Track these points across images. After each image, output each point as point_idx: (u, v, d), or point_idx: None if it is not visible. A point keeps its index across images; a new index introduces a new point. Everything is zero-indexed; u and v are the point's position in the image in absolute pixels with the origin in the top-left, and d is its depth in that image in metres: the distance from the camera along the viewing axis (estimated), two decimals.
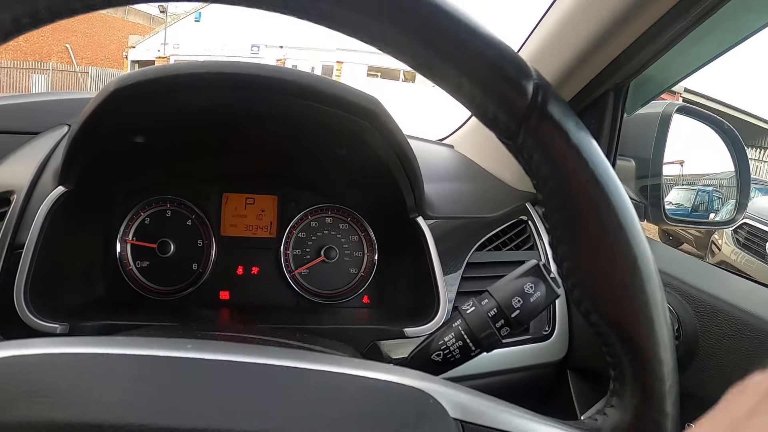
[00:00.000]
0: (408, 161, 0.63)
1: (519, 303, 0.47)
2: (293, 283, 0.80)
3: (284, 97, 0.55)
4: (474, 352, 0.49)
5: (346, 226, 0.83)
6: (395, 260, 0.81)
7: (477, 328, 0.48)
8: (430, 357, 0.51)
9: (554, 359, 0.79)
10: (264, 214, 0.81)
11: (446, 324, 0.50)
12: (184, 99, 0.55)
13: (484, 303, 0.48)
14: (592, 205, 0.29)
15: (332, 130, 0.59)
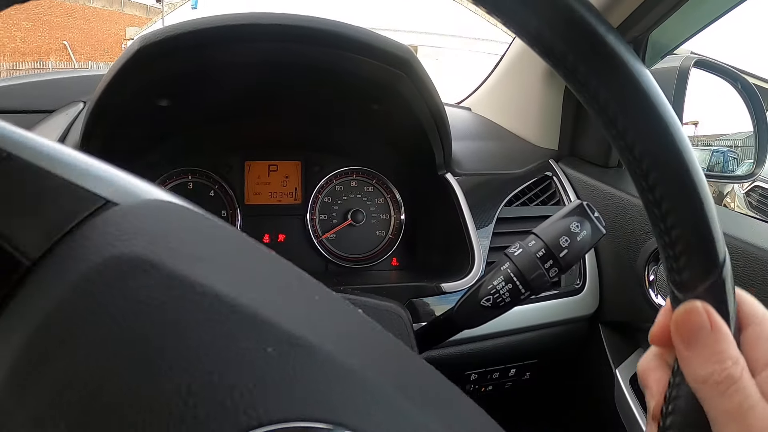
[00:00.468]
0: (440, 115, 0.62)
1: (566, 242, 0.46)
2: (321, 248, 0.79)
3: (318, 48, 0.53)
4: (524, 294, 0.48)
5: (371, 189, 0.82)
6: (424, 220, 0.81)
7: (526, 270, 0.47)
8: (480, 303, 0.50)
9: (586, 313, 0.79)
10: (288, 180, 0.80)
11: (493, 269, 0.50)
12: (210, 55, 0.54)
13: (531, 244, 0.48)
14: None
15: (367, 83, 0.58)
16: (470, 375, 0.76)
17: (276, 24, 0.51)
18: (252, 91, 0.63)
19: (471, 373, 0.76)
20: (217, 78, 0.59)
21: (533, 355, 0.79)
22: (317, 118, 0.71)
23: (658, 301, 0.70)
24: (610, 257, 0.80)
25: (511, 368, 0.78)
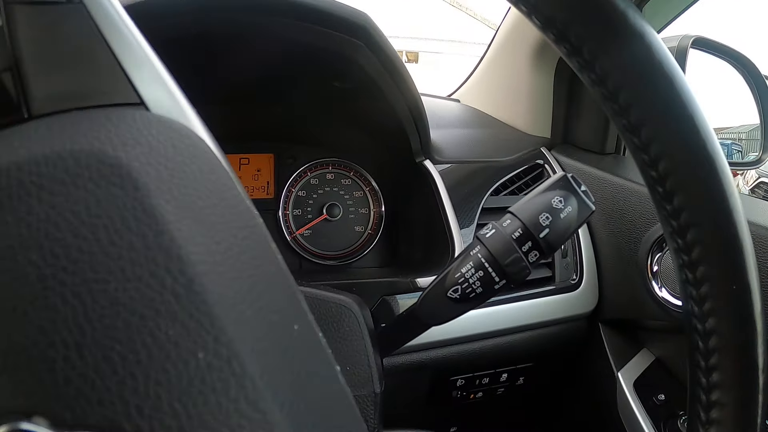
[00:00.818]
0: (410, 93, 0.57)
1: (548, 220, 0.38)
2: (294, 245, 0.74)
3: (269, 16, 0.49)
4: (498, 284, 0.40)
5: (349, 182, 0.77)
6: (404, 213, 0.75)
7: (500, 254, 0.39)
8: (446, 294, 0.43)
9: (584, 311, 0.72)
10: (260, 173, 0.75)
11: (463, 254, 0.42)
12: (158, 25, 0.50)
13: (507, 224, 0.40)
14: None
15: (325, 55, 0.53)
16: (456, 380, 0.69)
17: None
18: (202, 70, 0.58)
19: (457, 379, 0.69)
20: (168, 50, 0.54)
21: (527, 358, 0.72)
22: (282, 101, 0.66)
23: (662, 294, 0.64)
24: (608, 249, 0.73)
25: (503, 373, 0.72)
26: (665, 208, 0.23)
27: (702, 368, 0.24)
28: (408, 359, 0.64)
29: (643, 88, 0.22)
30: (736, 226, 0.22)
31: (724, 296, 0.22)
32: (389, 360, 0.63)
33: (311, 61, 0.54)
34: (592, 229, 0.75)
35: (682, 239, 0.23)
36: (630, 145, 0.24)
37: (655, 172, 0.23)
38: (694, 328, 0.24)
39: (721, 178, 0.22)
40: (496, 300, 0.67)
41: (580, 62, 0.23)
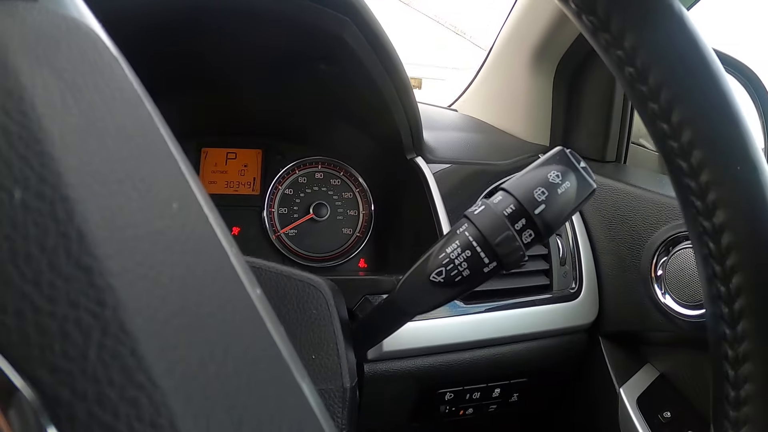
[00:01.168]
0: (399, 76, 0.55)
1: (543, 195, 0.34)
2: (278, 244, 0.71)
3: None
4: (488, 266, 0.35)
5: (338, 182, 0.74)
6: (394, 214, 0.72)
7: (490, 232, 0.35)
8: (429, 278, 0.38)
9: (584, 323, 0.68)
10: (247, 169, 0.73)
11: (448, 233, 0.37)
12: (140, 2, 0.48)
13: (498, 200, 0.35)
14: None
15: (311, 34, 0.51)
16: (444, 394, 0.64)
17: None
18: (183, 51, 0.57)
19: (445, 392, 0.64)
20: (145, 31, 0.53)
21: (522, 373, 0.67)
22: (267, 88, 0.64)
23: (665, 301, 0.59)
24: (609, 257, 0.69)
25: (495, 388, 0.66)
26: (694, 206, 0.20)
27: (730, 379, 0.21)
28: (391, 367, 0.60)
29: (676, 68, 0.20)
30: None
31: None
32: (370, 367, 0.59)
33: (297, 39, 0.52)
34: (592, 236, 0.71)
35: (715, 244, 0.20)
36: (657, 132, 0.21)
37: (686, 163, 0.20)
38: (721, 334, 0.21)
39: (763, 176, 0.19)
40: (488, 307, 0.63)
41: (607, 39, 0.20)
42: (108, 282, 0.12)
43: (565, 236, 0.70)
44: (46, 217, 0.12)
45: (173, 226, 0.14)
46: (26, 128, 0.12)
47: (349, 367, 0.40)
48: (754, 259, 0.20)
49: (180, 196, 0.15)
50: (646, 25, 0.19)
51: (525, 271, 0.66)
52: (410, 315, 0.41)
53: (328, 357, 0.40)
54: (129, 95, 0.16)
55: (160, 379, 0.11)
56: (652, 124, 0.21)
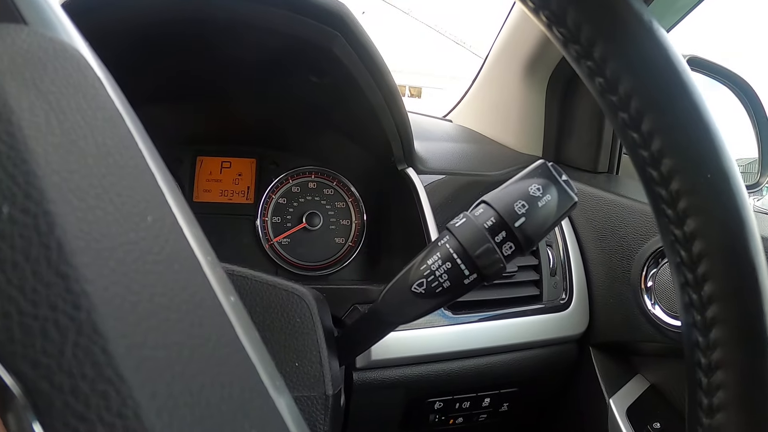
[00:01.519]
0: (388, 88, 0.56)
1: (524, 208, 0.35)
2: (271, 252, 0.71)
3: (240, 2, 0.48)
4: (468, 278, 0.36)
5: (331, 192, 0.75)
6: (386, 224, 0.73)
7: (470, 244, 0.36)
8: (410, 288, 0.39)
9: (574, 333, 0.68)
10: (241, 178, 0.74)
11: (430, 245, 0.38)
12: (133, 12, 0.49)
13: (479, 213, 0.36)
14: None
15: (300, 47, 0.52)
16: (434, 403, 0.64)
17: None
18: (178, 61, 0.58)
19: (435, 401, 0.64)
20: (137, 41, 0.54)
21: (511, 383, 0.67)
22: (259, 99, 0.65)
23: (655, 312, 0.59)
24: (600, 267, 0.69)
25: (485, 397, 0.67)
26: (666, 214, 0.21)
27: (703, 387, 0.21)
28: (380, 375, 0.60)
29: (645, 77, 0.20)
30: (750, 237, 0.19)
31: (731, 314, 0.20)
32: (359, 375, 0.59)
33: (287, 52, 0.53)
34: (583, 246, 0.72)
35: (686, 252, 0.20)
36: (628, 141, 0.21)
37: (657, 172, 0.20)
38: (695, 342, 0.21)
39: (734, 184, 0.19)
40: (478, 317, 0.63)
41: (578, 50, 0.21)
42: (83, 288, 0.13)
43: (555, 247, 0.71)
44: (30, 230, 0.13)
45: (147, 237, 0.15)
46: (14, 149, 0.14)
47: (332, 375, 0.40)
48: (725, 267, 0.20)
49: (155, 209, 0.16)
50: (615, 36, 0.20)
51: (515, 281, 0.66)
52: (393, 325, 0.41)
53: (311, 365, 0.40)
54: (110, 114, 0.17)
55: (127, 375, 0.12)
56: (623, 134, 0.21)
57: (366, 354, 0.58)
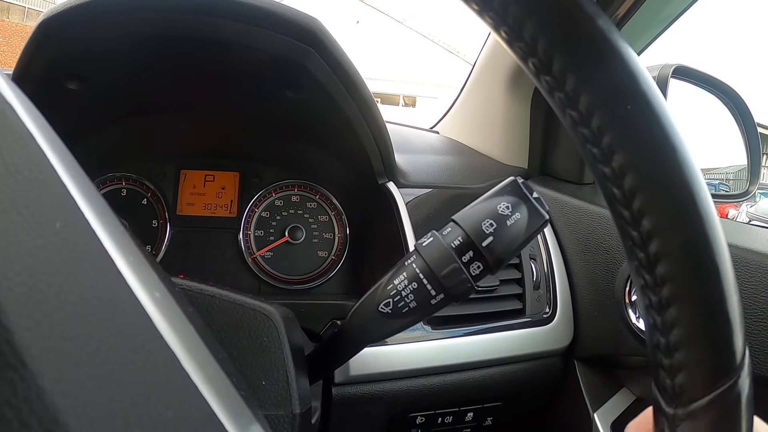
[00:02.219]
0: (364, 103, 0.56)
1: (492, 228, 0.34)
2: (254, 266, 0.71)
3: (215, 18, 0.48)
4: (435, 298, 0.36)
5: (314, 205, 0.74)
6: (370, 241, 0.72)
7: (436, 264, 0.35)
8: (377, 308, 0.38)
9: (558, 347, 0.67)
10: (224, 191, 0.74)
11: (397, 264, 0.38)
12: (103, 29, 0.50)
13: (447, 232, 0.36)
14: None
15: (275, 63, 0.52)
16: (416, 417, 0.64)
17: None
18: (160, 76, 0.58)
19: (417, 416, 0.64)
20: (118, 56, 0.54)
21: (495, 397, 0.66)
22: (237, 114, 0.65)
23: (639, 325, 0.59)
24: (584, 280, 0.69)
25: (468, 412, 0.66)
26: (631, 237, 0.20)
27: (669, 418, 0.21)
28: (360, 390, 0.59)
29: (604, 97, 0.20)
30: (716, 257, 0.18)
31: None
32: (339, 390, 0.59)
33: (263, 69, 0.54)
34: (567, 259, 0.71)
35: (650, 275, 0.19)
36: (588, 155, 0.20)
37: (620, 191, 0.20)
38: (659, 362, 0.20)
39: (697, 192, 0.19)
40: (460, 332, 0.63)
41: (535, 64, 0.20)
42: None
43: (540, 260, 0.70)
44: None
45: (55, 242, 0.16)
46: None
47: (300, 394, 0.40)
48: (688, 290, 0.19)
49: (64, 216, 0.17)
50: (575, 52, 0.19)
51: (498, 295, 0.66)
52: (361, 344, 0.41)
53: (278, 383, 0.40)
54: (20, 135, 0.18)
55: (31, 363, 0.13)
56: (580, 144, 0.21)
57: (344, 369, 0.58)
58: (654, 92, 0.19)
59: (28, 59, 0.50)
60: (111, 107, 0.63)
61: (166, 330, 0.18)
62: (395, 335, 0.40)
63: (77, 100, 0.58)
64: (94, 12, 0.48)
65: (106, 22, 0.49)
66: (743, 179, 0.88)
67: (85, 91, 0.57)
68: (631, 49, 0.19)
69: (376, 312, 0.38)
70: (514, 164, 0.83)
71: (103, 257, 0.17)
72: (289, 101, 0.58)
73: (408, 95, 7.73)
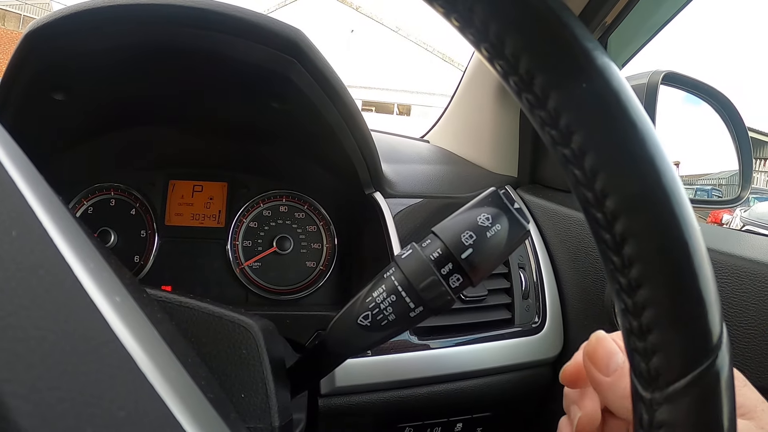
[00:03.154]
0: (348, 113, 0.56)
1: (471, 239, 0.34)
2: (242, 277, 0.71)
3: (196, 30, 0.49)
4: (414, 311, 0.35)
5: (302, 215, 0.74)
6: (358, 251, 0.72)
7: (415, 277, 0.35)
8: (356, 321, 0.37)
9: (548, 356, 0.67)
10: (212, 202, 0.73)
11: (377, 276, 0.38)
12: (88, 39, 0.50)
13: (426, 244, 0.36)
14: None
15: (259, 74, 0.52)
16: (404, 428, 0.63)
17: (148, 4, 0.47)
18: (147, 87, 0.58)
19: (405, 426, 0.63)
20: (103, 67, 0.54)
21: (484, 407, 0.66)
22: (228, 126, 0.66)
23: None
24: (574, 289, 0.69)
25: (457, 422, 0.65)
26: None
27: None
28: (346, 401, 0.59)
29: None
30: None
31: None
32: (325, 401, 0.58)
33: (247, 80, 0.54)
34: (557, 267, 0.71)
35: (618, 256, 0.19)
36: (546, 138, 0.20)
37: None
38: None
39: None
40: (448, 342, 0.62)
41: (502, 65, 0.20)
42: None
43: (529, 269, 0.70)
44: None
45: (10, 250, 0.17)
46: None
47: (280, 406, 0.39)
48: (657, 269, 0.19)
49: (20, 225, 0.18)
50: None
51: (486, 305, 0.66)
52: (341, 357, 0.41)
53: (257, 396, 0.39)
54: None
55: None
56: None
57: (330, 380, 0.57)
58: (611, 70, 0.19)
59: (14, 70, 0.51)
60: (98, 118, 0.63)
61: (123, 333, 0.18)
62: (380, 346, 0.40)
63: (64, 111, 0.58)
64: (80, 23, 0.48)
65: (91, 34, 0.49)
66: (736, 184, 0.88)
67: (71, 102, 0.57)
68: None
69: (356, 325, 0.37)
70: (503, 173, 0.83)
71: (59, 263, 0.18)
72: (274, 111, 0.58)
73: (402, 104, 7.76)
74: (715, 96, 0.83)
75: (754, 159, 0.99)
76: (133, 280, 0.27)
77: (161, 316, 0.28)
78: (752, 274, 0.55)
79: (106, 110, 0.63)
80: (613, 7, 0.64)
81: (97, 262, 0.20)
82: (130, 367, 0.18)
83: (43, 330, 0.16)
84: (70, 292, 0.18)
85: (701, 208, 1.96)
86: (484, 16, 0.18)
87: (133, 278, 0.28)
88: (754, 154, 0.94)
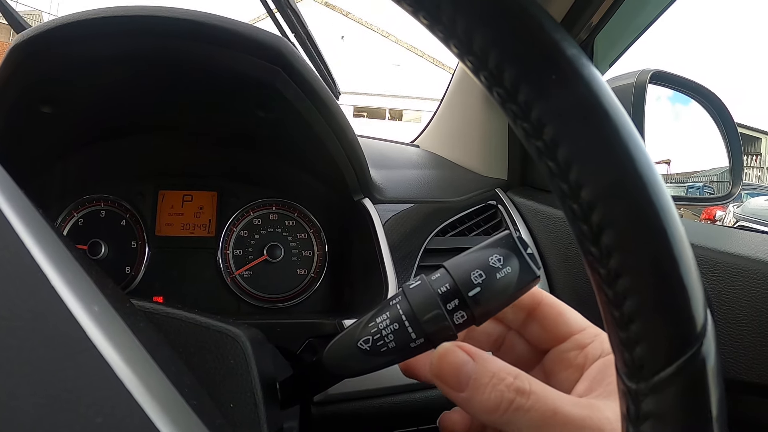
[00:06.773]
0: (335, 120, 0.56)
1: (480, 278, 0.34)
2: (233, 285, 0.71)
3: (182, 40, 0.49)
4: (415, 342, 0.35)
5: (293, 223, 0.74)
6: (349, 258, 0.72)
7: (420, 308, 0.34)
8: (357, 344, 0.37)
9: None
10: (202, 211, 0.73)
11: (384, 302, 0.37)
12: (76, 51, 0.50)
13: (436, 277, 0.36)
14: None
15: (243, 83, 0.52)
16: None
17: (136, 16, 0.48)
18: (135, 98, 0.58)
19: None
20: (91, 79, 0.54)
21: None
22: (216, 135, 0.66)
23: None
24: (566, 290, 0.69)
25: None
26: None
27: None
28: (340, 409, 0.59)
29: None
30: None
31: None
32: (317, 409, 0.58)
33: (232, 89, 0.54)
34: (549, 269, 0.71)
35: (596, 247, 0.19)
36: (519, 131, 0.20)
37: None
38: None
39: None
40: None
41: (485, 75, 0.20)
42: None
43: None
44: None
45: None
46: None
47: (269, 417, 0.39)
48: (635, 257, 0.19)
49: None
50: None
51: None
52: (337, 377, 0.40)
53: (246, 406, 0.39)
54: None
55: None
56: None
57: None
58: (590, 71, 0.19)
59: (1, 84, 0.50)
60: (86, 129, 0.63)
61: (100, 341, 0.18)
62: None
63: (53, 123, 0.58)
64: (68, 36, 0.48)
65: (80, 46, 0.50)
66: (727, 181, 0.89)
67: (60, 114, 0.57)
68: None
69: (355, 347, 0.37)
70: (494, 176, 0.83)
71: (35, 273, 0.18)
72: (261, 120, 0.58)
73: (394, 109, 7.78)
74: (703, 93, 0.84)
75: (744, 155, 1.00)
76: (115, 290, 0.27)
77: (144, 326, 0.28)
78: (744, 270, 0.55)
79: (95, 122, 0.63)
80: (599, 7, 0.64)
81: (76, 272, 0.20)
82: (107, 375, 0.18)
83: (19, 340, 0.16)
84: (47, 303, 0.18)
85: (694, 206, 1.95)
86: (452, 13, 0.19)
87: (116, 288, 0.28)
88: (744, 150, 0.94)
